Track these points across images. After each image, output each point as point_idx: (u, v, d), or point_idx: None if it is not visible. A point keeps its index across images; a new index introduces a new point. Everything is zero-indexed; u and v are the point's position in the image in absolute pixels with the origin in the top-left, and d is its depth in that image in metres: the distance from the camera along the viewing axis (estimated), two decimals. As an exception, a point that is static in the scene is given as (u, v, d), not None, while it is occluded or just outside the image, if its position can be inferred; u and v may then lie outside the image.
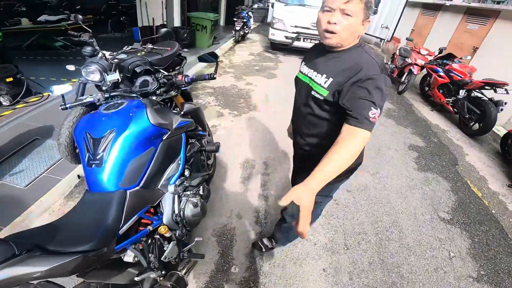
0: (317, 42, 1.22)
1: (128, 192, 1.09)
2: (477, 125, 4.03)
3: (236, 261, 1.93)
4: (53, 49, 5.93)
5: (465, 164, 3.43)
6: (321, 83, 1.09)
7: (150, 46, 2.71)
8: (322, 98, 1.09)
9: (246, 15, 8.17)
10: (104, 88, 1.54)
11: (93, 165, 1.09)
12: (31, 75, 4.56)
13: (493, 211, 2.66)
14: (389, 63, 6.26)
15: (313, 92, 1.13)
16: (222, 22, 10.94)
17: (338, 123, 1.03)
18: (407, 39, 5.86)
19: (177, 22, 6.53)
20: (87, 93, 2.39)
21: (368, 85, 0.98)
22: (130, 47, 2.64)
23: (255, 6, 9.95)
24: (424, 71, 5.28)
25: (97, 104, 1.51)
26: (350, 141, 0.96)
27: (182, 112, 1.49)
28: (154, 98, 1.49)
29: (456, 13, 6.47)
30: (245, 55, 6.96)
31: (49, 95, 3.95)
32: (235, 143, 3.19)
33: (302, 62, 1.29)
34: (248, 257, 1.96)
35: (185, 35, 6.30)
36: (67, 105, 1.49)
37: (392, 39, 7.53)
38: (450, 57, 4.85)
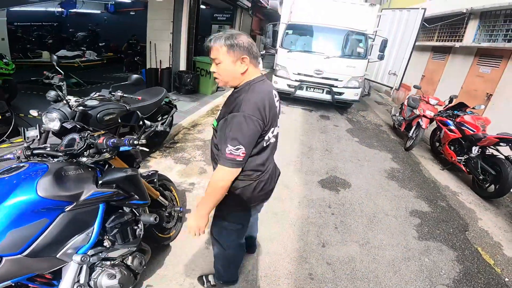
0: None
1: (4, 258, 1.07)
2: (492, 186, 3.54)
3: None
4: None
5: (476, 229, 3.00)
6: (218, 115, 1.31)
7: (119, 93, 2.59)
8: (214, 127, 1.30)
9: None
10: (25, 144, 1.38)
11: None
12: (29, 112, 4.67)
13: (506, 279, 2.36)
14: (397, 114, 5.86)
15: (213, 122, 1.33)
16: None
17: None
18: (414, 86, 5.51)
19: (182, 66, 6.68)
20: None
21: (229, 122, 1.13)
22: (98, 93, 2.52)
23: (263, 51, 10.18)
24: (434, 124, 4.83)
25: (16, 162, 1.34)
26: (214, 174, 1.22)
27: (100, 182, 1.31)
28: (84, 159, 1.35)
29: (466, 55, 6.04)
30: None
31: (38, 136, 3.92)
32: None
33: None
34: None
35: (188, 80, 6.31)
36: None
37: (401, 86, 7.25)
38: (462, 106, 4.45)
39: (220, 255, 1.72)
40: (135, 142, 1.32)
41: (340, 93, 6.32)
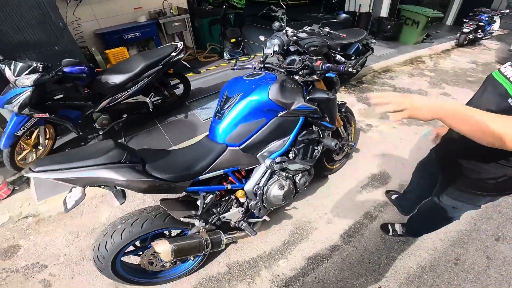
0: None
1: (228, 148, 1.28)
2: None
3: (289, 258, 1.86)
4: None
5: None
6: None
7: (327, 29, 2.84)
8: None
9: (488, 19, 6.30)
10: (261, 59, 1.70)
11: (217, 117, 1.33)
12: (251, 39, 5.93)
13: None
14: None
15: (510, 100, 0.93)
16: (450, 21, 9.05)
17: None
18: None
19: (384, 13, 6.15)
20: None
21: None
22: (309, 27, 2.86)
23: (507, 11, 7.17)
24: None
25: (253, 71, 1.69)
26: None
27: (308, 97, 1.47)
28: (297, 78, 1.52)
29: None
30: (462, 62, 5.26)
31: (254, 56, 5.08)
32: (382, 152, 2.79)
33: (508, 62, 1.08)
34: (305, 262, 1.85)
35: (389, 27, 5.89)
36: (235, 68, 1.79)
37: None
38: None
39: (432, 218, 1.59)
40: (350, 69, 1.33)
41: None
